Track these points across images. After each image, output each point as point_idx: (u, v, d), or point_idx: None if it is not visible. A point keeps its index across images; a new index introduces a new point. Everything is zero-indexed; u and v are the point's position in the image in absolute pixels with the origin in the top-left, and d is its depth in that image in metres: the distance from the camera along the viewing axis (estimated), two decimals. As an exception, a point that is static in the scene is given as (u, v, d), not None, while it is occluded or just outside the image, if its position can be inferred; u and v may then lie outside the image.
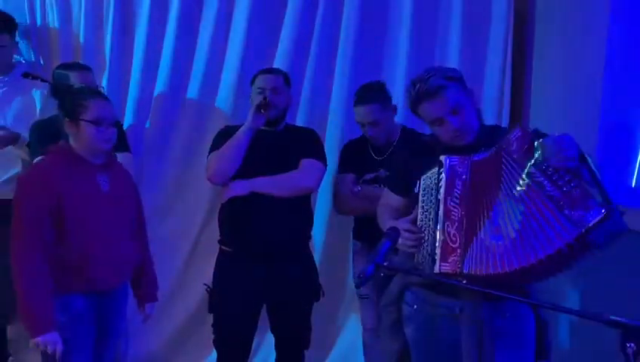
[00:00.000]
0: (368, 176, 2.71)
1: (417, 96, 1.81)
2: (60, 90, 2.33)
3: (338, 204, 2.78)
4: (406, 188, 1.93)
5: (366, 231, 2.71)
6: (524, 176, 1.62)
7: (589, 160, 1.58)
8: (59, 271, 2.09)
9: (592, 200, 1.50)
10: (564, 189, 1.54)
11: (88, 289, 2.16)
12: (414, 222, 1.82)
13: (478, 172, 1.74)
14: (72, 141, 2.17)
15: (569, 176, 1.54)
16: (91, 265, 2.12)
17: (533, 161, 1.60)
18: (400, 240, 1.75)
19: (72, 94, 2.21)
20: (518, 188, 1.62)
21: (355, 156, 2.75)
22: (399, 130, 2.73)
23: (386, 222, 1.94)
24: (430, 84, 1.78)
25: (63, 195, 2.07)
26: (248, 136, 2.47)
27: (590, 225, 1.48)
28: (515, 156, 1.66)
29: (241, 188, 2.48)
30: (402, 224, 1.82)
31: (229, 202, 2.51)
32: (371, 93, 2.64)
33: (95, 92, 2.27)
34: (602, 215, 1.47)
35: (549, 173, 1.57)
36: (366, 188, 2.68)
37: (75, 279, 2.12)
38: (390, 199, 2.02)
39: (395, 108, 2.70)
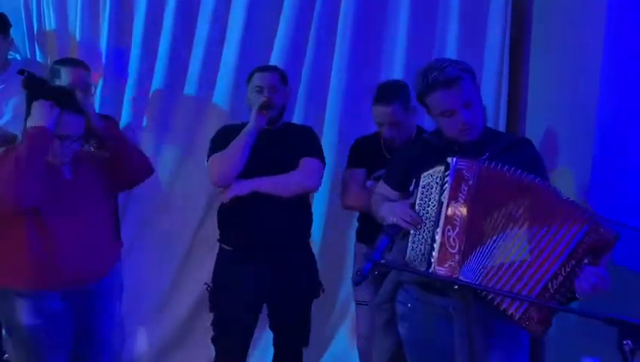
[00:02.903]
0: (378, 173, 2.66)
1: (433, 83, 1.77)
2: (32, 86, 2.17)
3: (347, 198, 2.68)
4: (403, 183, 1.92)
5: (371, 234, 2.68)
6: (564, 260, 1.63)
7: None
8: (29, 267, 2.04)
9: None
10: (550, 287, 1.63)
11: (62, 282, 2.08)
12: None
13: (489, 181, 1.70)
14: None
15: (566, 291, 1.63)
16: (59, 255, 2.05)
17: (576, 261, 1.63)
18: (395, 219, 1.75)
19: (46, 99, 2.08)
20: (550, 258, 1.63)
21: (366, 153, 2.68)
22: (414, 131, 2.64)
23: (379, 204, 1.93)
24: (448, 73, 1.76)
25: None
26: (252, 137, 2.45)
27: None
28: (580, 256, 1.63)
29: (242, 188, 2.47)
30: (401, 202, 1.82)
31: (229, 201, 2.51)
32: (393, 93, 2.52)
33: (68, 102, 2.12)
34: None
35: (568, 270, 1.62)
36: (377, 183, 2.65)
37: (46, 273, 2.05)
38: (385, 191, 2.02)
39: (414, 110, 2.57)
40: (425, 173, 1.78)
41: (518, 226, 1.66)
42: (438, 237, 1.69)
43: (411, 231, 1.76)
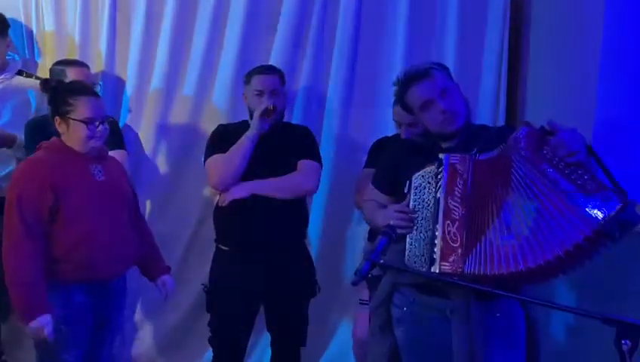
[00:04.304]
0: None
1: (406, 79, 1.85)
2: (49, 87, 2.30)
3: (361, 198, 2.61)
4: (393, 186, 1.92)
5: None
6: (536, 173, 1.59)
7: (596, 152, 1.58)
8: (57, 260, 2.10)
9: (609, 191, 1.49)
10: (579, 182, 1.52)
11: (89, 277, 2.16)
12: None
13: (481, 171, 1.71)
14: (63, 137, 2.18)
15: (581, 169, 1.54)
16: (90, 251, 2.13)
17: (543, 158, 1.59)
18: (392, 222, 1.73)
19: (62, 91, 2.19)
20: (532, 186, 1.59)
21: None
22: None
23: (374, 213, 1.94)
24: (418, 67, 1.85)
25: (58, 188, 2.08)
26: (254, 143, 2.46)
27: (609, 215, 1.46)
28: (523, 153, 1.63)
29: (241, 191, 2.47)
30: (392, 207, 1.82)
31: (227, 204, 2.51)
32: None
33: (85, 89, 2.23)
34: (620, 205, 1.46)
35: (561, 167, 1.56)
36: None
37: (76, 268, 2.12)
38: (376, 196, 2.02)
39: None
40: (416, 174, 1.79)
41: (509, 198, 1.62)
42: (439, 233, 1.69)
43: (408, 234, 1.77)
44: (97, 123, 2.15)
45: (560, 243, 1.51)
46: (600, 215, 1.47)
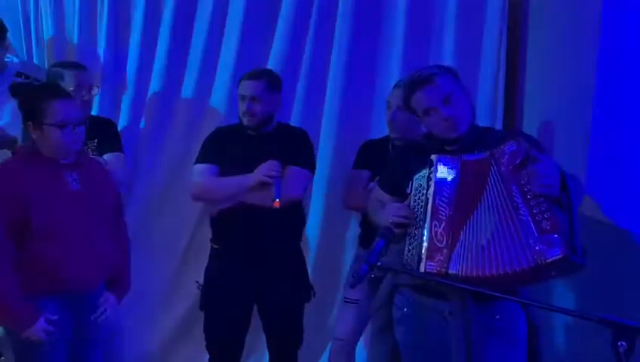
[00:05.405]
0: None
1: (411, 84, 1.86)
2: (19, 91, 2.17)
3: (349, 198, 2.68)
4: (396, 187, 1.94)
5: (373, 239, 2.66)
6: (504, 191, 1.66)
7: (571, 188, 1.63)
8: (29, 273, 2.03)
9: (558, 237, 1.55)
10: (537, 218, 1.60)
11: (61, 289, 2.08)
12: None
13: (467, 172, 1.75)
14: (38, 144, 2.07)
15: (545, 205, 1.60)
16: (62, 264, 2.04)
17: (517, 180, 1.65)
18: (390, 220, 1.77)
19: (33, 96, 2.09)
20: (498, 201, 1.67)
21: (373, 155, 2.66)
22: (422, 132, 2.64)
23: (376, 213, 1.96)
24: (423, 72, 1.86)
25: (26, 197, 1.99)
26: (246, 191, 2.46)
27: (546, 261, 1.55)
28: (502, 169, 1.69)
29: None
30: (392, 205, 1.85)
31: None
32: None
33: (57, 91, 2.13)
34: (559, 256, 1.54)
35: (528, 197, 1.63)
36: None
37: (47, 280, 2.05)
38: (381, 196, 2.04)
39: None
40: (417, 175, 1.82)
41: (481, 205, 1.70)
42: (426, 233, 1.73)
43: (407, 234, 1.78)
44: (73, 126, 2.04)
45: (503, 264, 1.61)
46: (540, 255, 1.56)
